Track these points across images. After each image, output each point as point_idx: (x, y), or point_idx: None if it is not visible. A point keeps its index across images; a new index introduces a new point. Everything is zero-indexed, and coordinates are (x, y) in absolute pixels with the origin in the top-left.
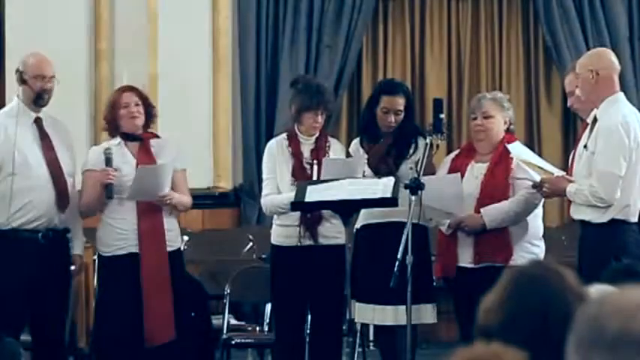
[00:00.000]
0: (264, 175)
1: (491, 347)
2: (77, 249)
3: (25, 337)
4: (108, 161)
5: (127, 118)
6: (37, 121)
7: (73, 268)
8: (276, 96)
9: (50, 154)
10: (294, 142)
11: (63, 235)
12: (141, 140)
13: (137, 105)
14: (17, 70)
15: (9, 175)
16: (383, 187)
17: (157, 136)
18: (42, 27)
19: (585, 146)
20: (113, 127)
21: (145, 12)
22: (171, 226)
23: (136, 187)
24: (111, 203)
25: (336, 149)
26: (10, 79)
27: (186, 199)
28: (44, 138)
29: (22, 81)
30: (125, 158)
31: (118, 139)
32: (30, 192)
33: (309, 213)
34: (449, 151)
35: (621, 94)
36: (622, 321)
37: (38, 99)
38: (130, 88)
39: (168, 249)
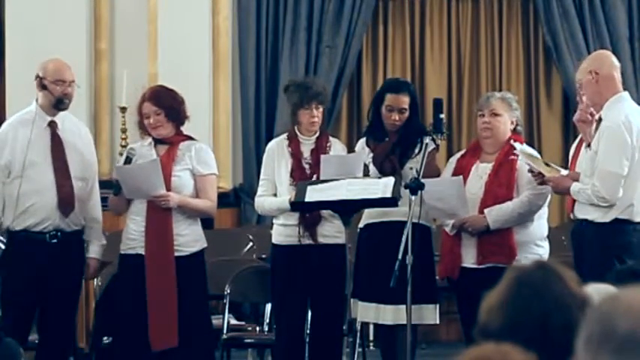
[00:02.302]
0: (261, 176)
1: (500, 347)
2: (92, 252)
3: (31, 337)
4: (127, 160)
5: (150, 128)
6: (51, 125)
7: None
8: (276, 96)
9: (59, 159)
10: (294, 142)
11: (73, 237)
12: (170, 143)
13: (157, 114)
14: (37, 76)
15: (16, 177)
16: (383, 187)
17: (192, 138)
18: (42, 27)
19: (589, 145)
20: (144, 130)
21: (145, 12)
22: (185, 230)
23: (125, 187)
24: (133, 204)
25: (337, 149)
26: (10, 78)
27: (203, 204)
28: (55, 142)
29: (42, 86)
30: (148, 160)
31: (149, 139)
32: (33, 195)
33: (309, 213)
34: (449, 151)
35: (625, 94)
36: (633, 322)
37: (59, 103)
38: (150, 97)
39: (182, 254)
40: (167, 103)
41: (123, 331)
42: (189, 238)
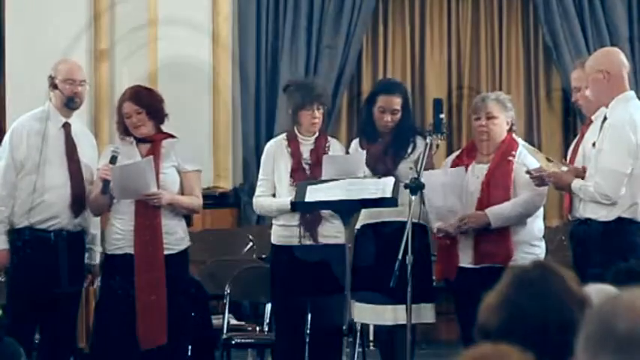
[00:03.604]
0: (260, 176)
1: (498, 347)
2: (98, 259)
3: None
4: (112, 159)
5: (131, 128)
6: (65, 126)
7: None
8: (276, 96)
9: (72, 159)
10: (293, 142)
11: (77, 237)
12: (152, 142)
13: (139, 114)
14: (49, 77)
15: (30, 173)
16: (383, 187)
17: (172, 136)
18: (42, 27)
19: (594, 144)
20: (124, 130)
21: (145, 12)
22: (173, 228)
23: (117, 187)
24: (116, 203)
25: (335, 149)
26: (10, 78)
27: (190, 201)
28: (69, 143)
29: (54, 86)
30: (132, 158)
31: (131, 138)
32: (45, 192)
33: (309, 213)
34: (449, 151)
35: (631, 93)
36: (632, 322)
37: (70, 102)
38: (130, 97)
39: (170, 252)
40: (148, 102)
41: (112, 332)
42: (178, 236)
